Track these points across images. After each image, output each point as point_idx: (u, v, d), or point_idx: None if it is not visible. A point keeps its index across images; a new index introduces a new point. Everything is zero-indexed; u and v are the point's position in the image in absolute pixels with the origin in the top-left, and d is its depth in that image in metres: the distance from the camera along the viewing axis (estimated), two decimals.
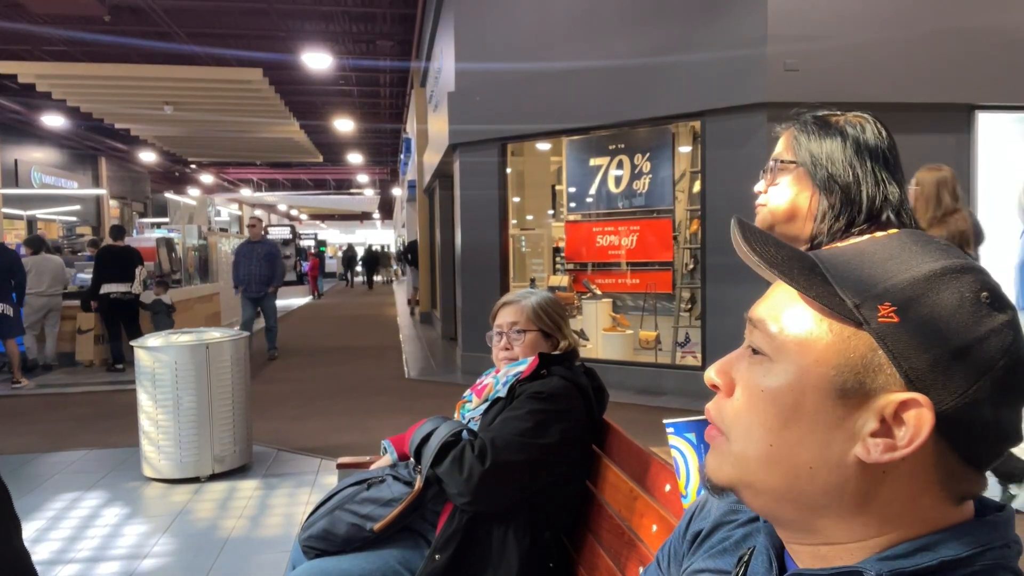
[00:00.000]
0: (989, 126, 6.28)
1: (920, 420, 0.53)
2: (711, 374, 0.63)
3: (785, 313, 0.59)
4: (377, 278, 28.40)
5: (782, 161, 1.30)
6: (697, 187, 6.74)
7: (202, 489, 4.22)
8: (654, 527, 1.45)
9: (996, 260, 6.31)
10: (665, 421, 1.10)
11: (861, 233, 1.23)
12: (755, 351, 0.60)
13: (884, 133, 1.29)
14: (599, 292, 7.39)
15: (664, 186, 6.80)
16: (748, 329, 0.62)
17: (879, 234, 0.63)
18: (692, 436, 1.07)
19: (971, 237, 3.53)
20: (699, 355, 6.60)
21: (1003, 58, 6.09)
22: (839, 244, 0.63)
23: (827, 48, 5.85)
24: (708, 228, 6.30)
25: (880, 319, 0.54)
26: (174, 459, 4.29)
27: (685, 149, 7.40)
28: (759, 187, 1.34)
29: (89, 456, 4.95)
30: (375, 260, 28.42)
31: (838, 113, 1.31)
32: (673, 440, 1.09)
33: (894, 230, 0.64)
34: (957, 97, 6.13)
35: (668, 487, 1.46)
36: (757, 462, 0.58)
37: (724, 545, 0.73)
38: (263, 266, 8.73)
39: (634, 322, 7.44)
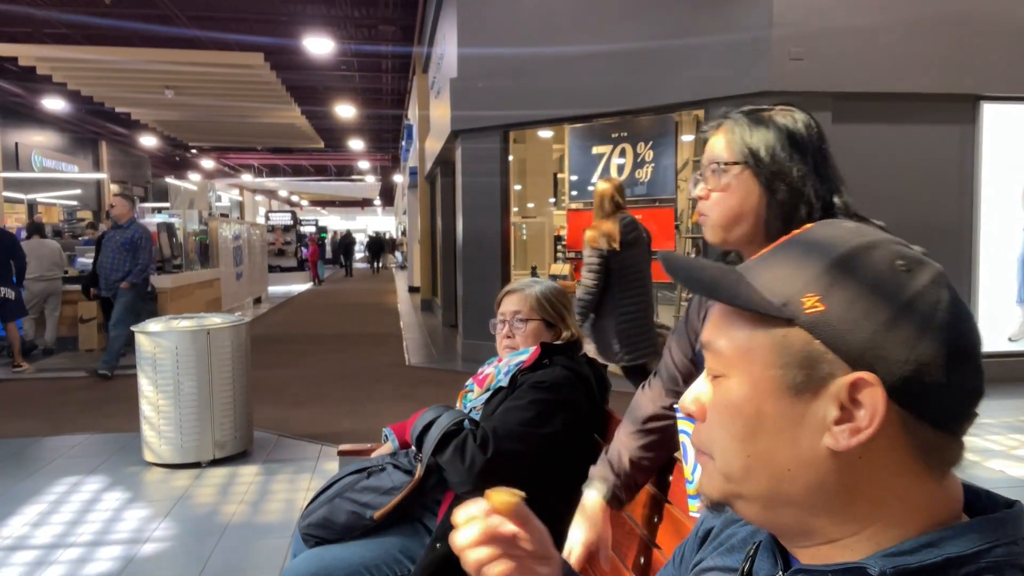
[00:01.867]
0: (994, 117, 6.25)
1: (873, 396, 0.54)
2: (686, 403, 0.66)
3: (726, 330, 0.61)
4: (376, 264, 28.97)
5: (724, 163, 1.25)
6: None
7: (203, 474, 4.24)
8: (655, 518, 1.44)
9: (998, 252, 6.32)
10: (675, 405, 1.09)
11: None
12: (714, 374, 0.63)
13: (814, 124, 1.26)
14: None
15: (666, 175, 6.77)
16: (705, 354, 0.64)
17: (796, 232, 0.64)
18: None
19: (617, 236, 4.19)
20: None
21: (1009, 49, 6.05)
22: (764, 250, 0.65)
23: (832, 37, 5.81)
24: None
25: (807, 311, 0.56)
26: (175, 444, 4.30)
27: (688, 138, 7.36)
28: (698, 191, 1.29)
29: (90, 440, 4.96)
30: (380, 246, 29.15)
31: (766, 108, 1.27)
32: (682, 425, 1.08)
33: (809, 224, 0.65)
34: (962, 88, 6.09)
35: (670, 477, 1.46)
36: (740, 474, 0.60)
37: (732, 543, 0.73)
38: (118, 257, 6.90)
39: None
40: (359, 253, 32.82)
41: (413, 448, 1.86)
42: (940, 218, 6.15)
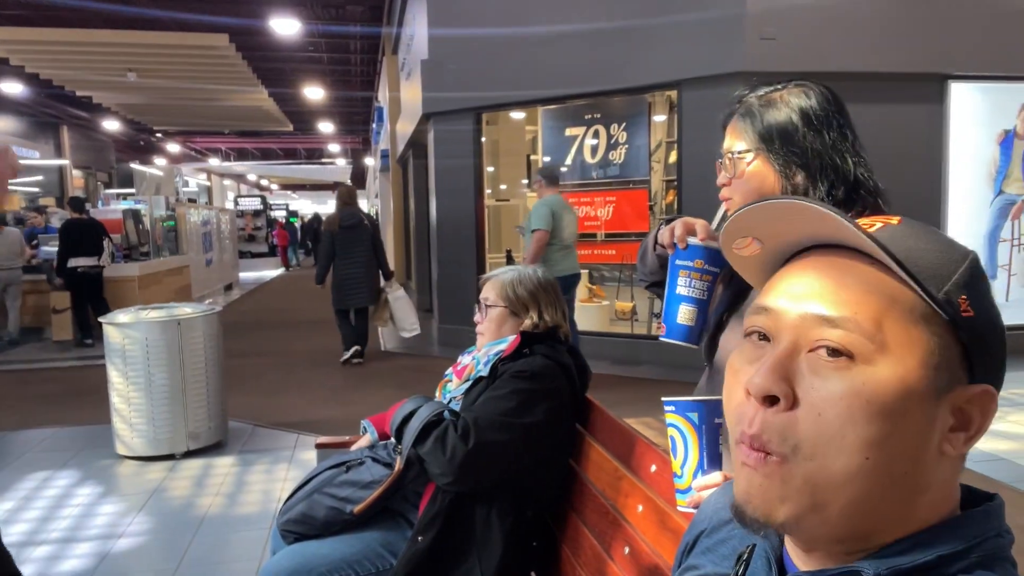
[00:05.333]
0: (961, 96, 6.33)
1: (990, 407, 0.54)
2: (766, 384, 0.53)
3: (875, 308, 0.53)
4: None
5: (737, 153, 1.25)
6: (673, 157, 6.71)
7: (177, 466, 4.17)
8: (640, 507, 1.44)
9: (966, 230, 6.42)
10: (664, 399, 1.06)
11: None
12: (834, 352, 0.52)
13: (831, 99, 1.24)
14: None
15: (640, 156, 6.76)
16: (803, 323, 0.54)
17: (879, 219, 0.58)
18: (695, 416, 1.04)
19: (337, 222, 6.66)
20: None
21: (975, 29, 6.11)
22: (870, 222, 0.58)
23: (803, 17, 5.82)
24: (684, 198, 6.29)
25: (963, 313, 0.53)
26: (147, 436, 4.23)
27: (660, 119, 7.36)
28: (721, 180, 1.30)
29: (59, 434, 4.86)
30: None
31: (779, 87, 1.26)
32: (672, 418, 1.06)
33: (896, 218, 0.59)
34: (930, 67, 6.15)
35: (654, 467, 1.45)
36: (843, 478, 0.51)
37: (724, 551, 0.70)
38: None
39: (610, 293, 7.45)
40: None
41: (393, 440, 1.83)
42: (909, 197, 6.22)
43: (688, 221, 1.28)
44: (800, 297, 0.55)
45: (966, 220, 6.42)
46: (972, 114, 6.37)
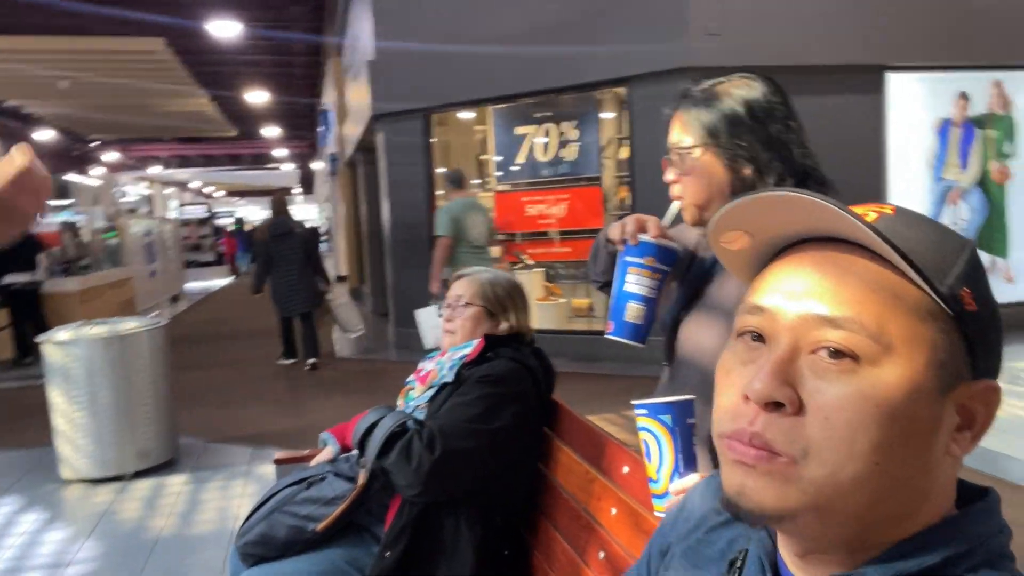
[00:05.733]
0: (899, 86, 6.50)
1: (993, 402, 0.52)
2: (767, 390, 0.50)
3: (879, 306, 0.50)
4: None
5: (683, 148, 1.24)
6: (624, 154, 6.73)
7: (126, 488, 4.01)
8: (613, 510, 1.40)
9: None
10: (635, 402, 1.04)
11: None
12: (836, 353, 0.49)
13: (774, 90, 1.24)
14: (531, 262, 7.35)
15: (591, 153, 6.77)
16: (802, 323, 0.51)
17: (872, 207, 0.56)
18: (668, 418, 1.01)
19: (266, 232, 6.86)
20: None
21: (911, 20, 6.28)
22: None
23: (746, 11, 5.91)
24: (637, 194, 6.32)
25: (967, 307, 0.50)
26: (94, 457, 4.05)
27: (610, 115, 7.38)
28: (669, 176, 1.28)
29: None
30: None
31: (723, 80, 1.25)
32: (645, 422, 1.03)
33: (889, 206, 0.56)
34: (868, 59, 6.30)
35: (626, 469, 1.42)
36: (850, 484, 0.49)
37: (709, 553, 0.66)
38: None
39: (567, 291, 7.46)
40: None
41: (356, 452, 1.77)
42: (851, 186, 6.31)
43: (640, 218, 1.27)
44: (797, 295, 0.52)
45: (908, 207, 6.60)
46: (910, 104, 6.54)
